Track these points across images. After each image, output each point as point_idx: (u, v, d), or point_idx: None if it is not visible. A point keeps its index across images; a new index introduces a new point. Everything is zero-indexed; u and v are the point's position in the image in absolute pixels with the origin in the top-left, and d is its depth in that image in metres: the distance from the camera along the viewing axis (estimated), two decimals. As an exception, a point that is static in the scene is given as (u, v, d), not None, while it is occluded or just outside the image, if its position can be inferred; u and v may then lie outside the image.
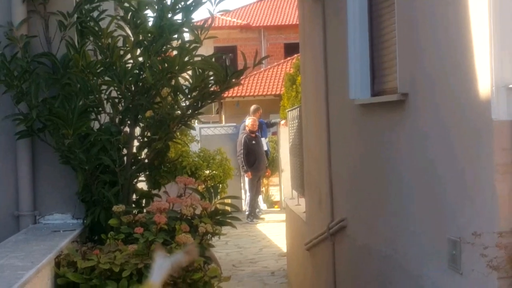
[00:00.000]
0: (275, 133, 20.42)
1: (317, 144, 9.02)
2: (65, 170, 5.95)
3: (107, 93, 5.97)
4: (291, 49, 33.68)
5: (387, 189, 6.26)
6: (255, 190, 17.86)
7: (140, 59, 5.78)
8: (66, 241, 5.33)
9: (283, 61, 33.61)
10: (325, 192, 8.51)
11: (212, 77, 5.88)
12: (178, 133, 7.04)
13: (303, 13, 10.05)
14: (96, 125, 5.99)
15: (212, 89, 5.98)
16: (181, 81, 5.98)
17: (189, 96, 5.95)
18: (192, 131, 13.81)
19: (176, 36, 5.85)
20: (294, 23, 34.96)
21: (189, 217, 5.58)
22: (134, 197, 6.18)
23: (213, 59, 5.98)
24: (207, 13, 6.01)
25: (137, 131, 6.14)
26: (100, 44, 5.79)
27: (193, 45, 5.80)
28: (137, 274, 4.98)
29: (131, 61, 5.82)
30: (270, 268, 12.97)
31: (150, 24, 5.83)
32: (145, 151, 6.10)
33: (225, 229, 5.91)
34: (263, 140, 18.56)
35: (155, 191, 6.25)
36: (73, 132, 5.58)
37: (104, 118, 6.05)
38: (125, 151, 5.94)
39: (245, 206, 17.86)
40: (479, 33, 4.44)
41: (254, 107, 18.81)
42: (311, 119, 9.56)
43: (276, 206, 19.86)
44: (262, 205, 19.18)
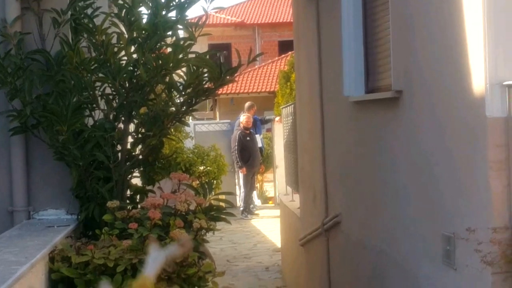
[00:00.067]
0: (269, 130, 20.42)
1: (311, 141, 9.03)
2: (59, 166, 5.95)
3: (101, 89, 5.97)
4: (285, 47, 33.67)
5: (381, 185, 6.27)
6: (249, 186, 17.87)
7: (134, 56, 5.78)
8: (60, 236, 5.33)
9: (277, 58, 33.59)
10: (319, 188, 8.52)
11: (206, 74, 5.88)
12: (172, 130, 7.02)
13: (297, 11, 10.05)
14: (90, 121, 5.99)
15: (206, 86, 5.99)
16: (176, 78, 5.98)
17: (183, 93, 5.95)
18: (187, 128, 13.81)
19: (170, 33, 5.85)
20: (288, 20, 34.99)
21: (183, 213, 5.58)
22: (128, 193, 6.18)
23: (208, 56, 5.99)
24: (201, 10, 6.01)
25: (131, 127, 6.14)
26: (94, 41, 5.79)
27: (187, 42, 5.80)
28: (131, 269, 4.98)
29: (125, 58, 5.82)
30: (264, 264, 12.98)
31: (144, 21, 5.83)
32: (139, 147, 6.10)
33: (219, 225, 5.92)
34: (257, 136, 18.56)
35: (149, 187, 6.26)
36: (67, 128, 5.58)
37: (98, 115, 6.05)
38: (119, 147, 5.94)
39: (239, 202, 17.87)
40: (473, 31, 4.45)
41: (248, 104, 18.80)
42: (305, 116, 9.56)
43: (270, 202, 19.87)
44: (256, 201, 19.19)
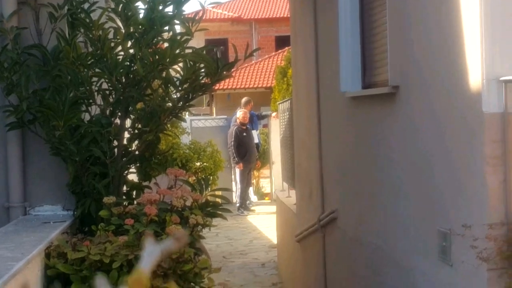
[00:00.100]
0: (266, 126, 20.41)
1: (308, 137, 9.03)
2: (56, 161, 5.94)
3: (98, 85, 5.96)
4: (282, 42, 33.62)
5: (377, 181, 6.27)
6: (245, 182, 17.87)
7: (131, 51, 5.77)
8: (56, 232, 5.32)
9: (274, 53, 33.57)
10: (315, 184, 8.52)
11: (203, 70, 5.87)
12: (169, 125, 7.01)
13: (294, 6, 10.04)
14: (86, 116, 5.97)
15: (203, 81, 5.98)
16: (172, 73, 5.97)
17: (180, 88, 5.94)
18: (183, 123, 13.80)
19: (167, 28, 5.84)
20: (285, 15, 34.91)
21: (179, 209, 5.57)
22: (125, 188, 6.17)
23: (204, 52, 5.98)
24: (198, 5, 5.99)
25: (128, 123, 6.13)
26: (91, 36, 5.78)
27: (184, 37, 5.79)
28: (127, 265, 4.97)
29: (122, 53, 5.80)
30: (261, 260, 12.98)
31: (141, 16, 5.81)
32: (136, 143, 6.09)
33: (215, 221, 5.91)
34: (254, 132, 18.55)
35: (146, 183, 6.25)
36: (63, 123, 5.57)
37: (95, 110, 6.04)
38: (115, 142, 5.93)
39: (235, 198, 17.87)
40: (470, 26, 4.45)
41: (245, 99, 18.78)
42: (302, 112, 9.56)
43: (266, 198, 19.87)
44: (252, 197, 19.19)
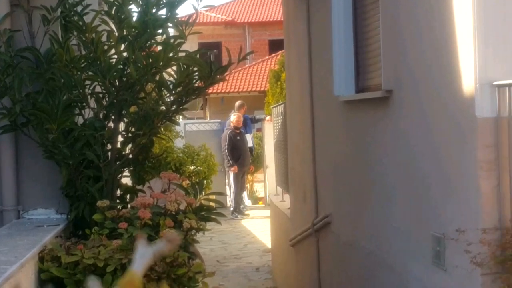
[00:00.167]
0: (259, 129, 20.40)
1: (301, 140, 9.03)
2: (49, 165, 5.93)
3: (91, 88, 5.95)
4: (275, 46, 33.62)
5: (371, 185, 6.27)
6: (239, 186, 17.85)
7: (125, 54, 5.76)
8: (50, 236, 5.31)
9: (267, 57, 33.56)
10: (309, 188, 8.52)
11: (196, 73, 5.87)
12: (163, 129, 7.01)
13: (288, 10, 10.05)
14: (80, 120, 5.97)
15: (197, 84, 5.98)
16: (166, 76, 5.96)
17: (173, 92, 5.93)
18: (177, 127, 13.79)
19: (160, 31, 5.83)
20: (278, 19, 34.92)
21: (173, 213, 5.57)
22: (118, 192, 6.17)
23: (198, 55, 5.98)
24: (191, 8, 6.00)
25: (122, 126, 6.12)
26: (84, 39, 5.77)
27: (177, 40, 5.79)
28: (121, 269, 4.96)
29: (115, 56, 5.80)
30: (255, 264, 12.97)
31: (135, 19, 5.81)
32: (130, 146, 6.08)
33: (209, 225, 5.90)
34: (248, 136, 18.54)
35: (140, 187, 6.24)
36: (57, 127, 5.56)
37: (88, 113, 6.03)
38: (109, 146, 5.93)
39: (229, 202, 17.86)
40: (463, 31, 4.45)
41: (238, 103, 18.77)
42: (295, 116, 9.56)
43: (260, 202, 19.86)
44: (246, 201, 19.17)
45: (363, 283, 6.61)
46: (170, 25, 5.88)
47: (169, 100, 6.02)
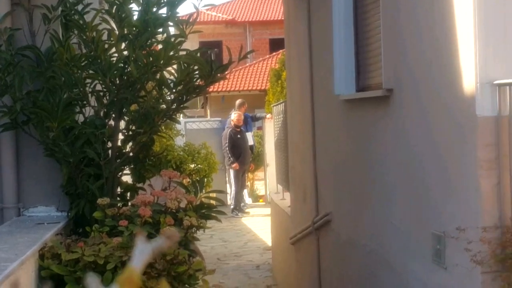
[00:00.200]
0: (260, 128, 20.40)
1: (302, 139, 9.03)
2: (50, 163, 5.93)
3: (92, 86, 5.95)
4: (276, 45, 33.63)
5: (371, 184, 6.28)
6: (240, 184, 17.86)
7: (125, 52, 5.76)
8: (51, 233, 5.31)
9: (268, 56, 33.56)
10: (310, 186, 8.52)
11: (197, 72, 5.87)
12: (163, 127, 7.01)
13: (288, 9, 10.05)
14: (80, 118, 5.97)
15: (197, 83, 5.98)
16: (166, 75, 5.97)
17: (174, 90, 5.94)
18: (177, 125, 13.80)
19: (161, 30, 5.84)
20: (279, 18, 34.93)
21: (173, 211, 5.57)
22: (119, 190, 6.17)
23: (199, 54, 5.98)
24: (192, 7, 5.99)
25: (122, 124, 6.13)
26: (84, 37, 5.77)
27: (178, 39, 5.79)
28: (121, 266, 4.97)
29: (115, 54, 5.80)
30: (255, 262, 12.98)
31: (135, 18, 5.81)
32: (130, 144, 6.08)
33: (210, 223, 5.91)
34: (249, 134, 18.55)
35: (140, 185, 6.24)
36: (57, 125, 5.56)
37: (89, 112, 6.03)
38: (109, 144, 5.93)
39: (230, 200, 17.86)
40: (463, 30, 4.46)
41: (239, 101, 18.77)
42: (296, 114, 9.57)
43: (261, 200, 19.86)
44: (247, 199, 19.18)
45: (363, 281, 6.62)
46: (171, 24, 5.88)
47: (169, 98, 6.02)
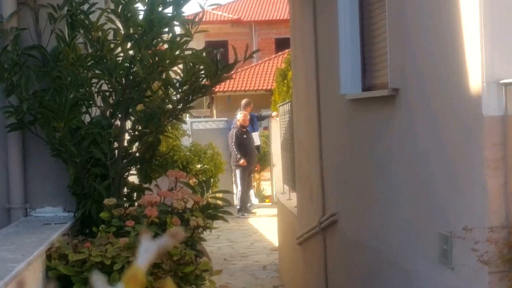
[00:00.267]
0: (266, 128, 20.39)
1: (308, 139, 9.03)
2: (56, 163, 5.93)
3: (98, 86, 5.96)
4: (282, 44, 33.62)
5: (378, 184, 6.27)
6: (246, 185, 17.85)
7: (131, 52, 5.77)
8: (57, 234, 5.32)
9: (274, 56, 33.54)
10: (316, 186, 8.51)
11: (203, 71, 5.87)
12: (169, 127, 7.02)
13: (294, 8, 10.04)
14: (87, 118, 5.97)
15: (203, 83, 5.98)
16: (172, 75, 5.97)
17: (180, 90, 5.94)
18: (184, 125, 13.82)
19: (166, 29, 5.84)
20: (285, 18, 34.92)
21: (180, 211, 5.57)
22: (125, 190, 6.17)
23: (204, 54, 5.98)
24: (198, 7, 5.99)
25: (128, 124, 6.13)
26: (90, 37, 5.77)
27: (183, 39, 5.79)
28: (128, 267, 4.96)
29: (121, 54, 5.80)
30: (262, 262, 12.97)
31: (141, 17, 5.81)
32: (136, 144, 6.09)
33: (216, 223, 5.91)
34: (255, 134, 18.55)
35: (146, 185, 6.24)
36: (64, 125, 5.57)
37: (95, 112, 6.04)
38: (116, 144, 5.93)
39: (236, 200, 17.86)
40: (470, 29, 4.45)
41: (245, 101, 18.75)
42: (302, 114, 9.56)
43: (267, 200, 19.85)
44: (253, 199, 19.17)
45: (370, 281, 6.61)
46: (176, 23, 5.88)
47: (175, 98, 6.02)
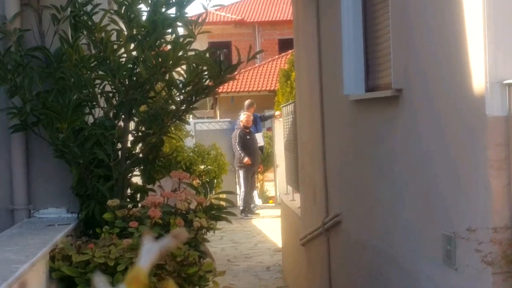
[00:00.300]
0: (270, 129, 20.39)
1: (311, 140, 9.02)
2: (60, 164, 5.94)
3: (101, 87, 5.96)
4: (285, 45, 33.60)
5: (381, 184, 6.26)
6: (249, 186, 17.84)
7: (134, 53, 5.77)
8: (61, 235, 5.32)
9: (277, 56, 33.54)
10: (319, 187, 8.51)
11: (206, 72, 5.88)
12: (173, 128, 7.02)
13: (297, 9, 10.04)
14: (90, 119, 5.98)
15: (206, 84, 5.98)
16: (175, 75, 5.97)
17: (183, 91, 5.94)
18: (187, 126, 13.80)
19: (169, 30, 5.84)
20: (288, 18, 34.91)
21: (183, 212, 5.57)
22: (129, 191, 6.18)
23: (207, 54, 5.98)
24: (201, 8, 6.01)
25: (132, 125, 6.13)
26: (93, 38, 5.78)
27: (187, 39, 5.79)
28: (132, 268, 4.97)
29: (124, 55, 5.81)
30: (265, 263, 12.96)
31: (144, 18, 5.82)
32: (140, 145, 6.09)
33: (220, 224, 5.91)
34: (258, 134, 18.54)
35: (150, 186, 6.25)
36: (67, 126, 5.57)
37: (98, 113, 6.04)
38: (119, 145, 5.93)
39: (239, 201, 17.85)
40: (473, 30, 4.44)
41: (248, 102, 18.74)
42: (305, 115, 9.55)
43: (271, 201, 19.84)
44: (257, 200, 19.15)
45: (373, 282, 6.60)
46: (180, 24, 5.89)
47: (179, 99, 6.02)
